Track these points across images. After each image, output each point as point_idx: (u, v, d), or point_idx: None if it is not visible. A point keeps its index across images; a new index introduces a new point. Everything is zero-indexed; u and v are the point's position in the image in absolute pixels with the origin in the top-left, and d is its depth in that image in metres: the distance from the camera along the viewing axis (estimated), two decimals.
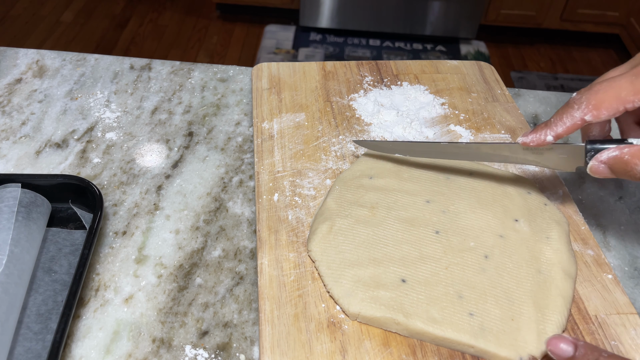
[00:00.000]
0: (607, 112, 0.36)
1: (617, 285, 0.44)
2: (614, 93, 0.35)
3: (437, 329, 0.39)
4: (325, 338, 0.40)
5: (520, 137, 0.42)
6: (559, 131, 0.39)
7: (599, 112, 0.36)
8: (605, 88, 0.36)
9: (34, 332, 0.41)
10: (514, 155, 0.44)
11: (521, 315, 0.40)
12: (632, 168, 0.36)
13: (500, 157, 0.45)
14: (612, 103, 0.36)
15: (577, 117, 0.37)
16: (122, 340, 0.42)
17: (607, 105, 0.36)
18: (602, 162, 0.38)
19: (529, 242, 0.45)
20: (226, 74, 0.70)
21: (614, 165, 0.37)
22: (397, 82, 0.65)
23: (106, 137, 0.60)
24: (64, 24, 2.34)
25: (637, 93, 0.35)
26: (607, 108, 0.36)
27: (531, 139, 0.41)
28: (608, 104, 0.36)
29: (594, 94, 0.36)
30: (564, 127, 0.38)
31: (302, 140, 0.56)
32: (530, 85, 2.18)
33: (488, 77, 0.67)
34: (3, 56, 0.70)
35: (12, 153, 0.57)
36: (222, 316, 0.44)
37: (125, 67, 0.70)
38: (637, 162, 0.36)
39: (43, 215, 0.47)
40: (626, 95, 0.35)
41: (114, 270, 0.47)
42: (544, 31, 2.43)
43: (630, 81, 0.35)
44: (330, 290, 0.42)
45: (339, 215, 0.47)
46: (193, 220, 0.51)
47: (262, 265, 0.44)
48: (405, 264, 0.43)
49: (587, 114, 0.37)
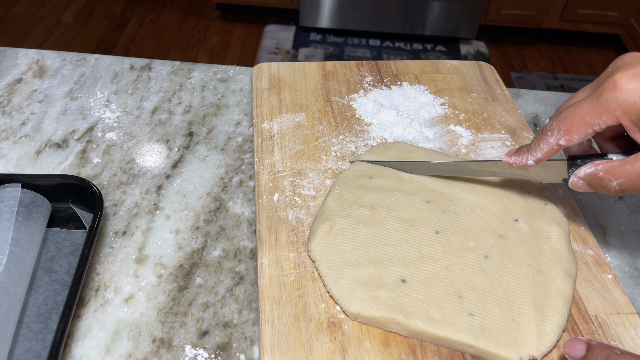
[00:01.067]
0: (577, 135, 0.37)
1: (617, 285, 0.44)
2: (579, 117, 0.37)
3: (437, 329, 0.39)
4: (325, 338, 0.40)
5: (504, 156, 0.44)
6: (538, 156, 0.41)
7: (571, 137, 0.38)
8: (571, 113, 0.37)
9: (34, 332, 0.41)
10: (501, 171, 0.46)
11: (521, 315, 0.40)
12: (606, 184, 0.37)
13: (488, 173, 0.47)
14: (580, 127, 0.37)
15: (553, 142, 0.39)
16: (122, 340, 0.42)
17: (576, 129, 0.37)
18: (580, 179, 0.39)
19: (529, 242, 0.45)
20: (226, 74, 0.70)
21: (591, 182, 0.39)
22: (397, 82, 0.65)
23: (106, 137, 0.60)
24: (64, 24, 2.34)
25: (600, 116, 0.36)
26: (576, 132, 0.37)
27: (514, 161, 0.43)
28: (577, 128, 0.37)
29: (562, 120, 0.38)
30: (542, 152, 0.40)
31: (302, 140, 0.56)
32: (530, 85, 2.18)
33: (488, 77, 0.67)
34: (3, 56, 0.70)
35: (12, 153, 0.57)
36: (222, 316, 0.44)
37: (125, 67, 0.70)
38: (610, 178, 0.37)
39: (43, 215, 0.47)
40: (591, 119, 0.36)
41: (114, 270, 0.47)
42: (544, 31, 2.43)
43: (592, 105, 0.36)
44: (330, 290, 0.42)
45: (339, 215, 0.47)
46: (193, 220, 0.51)
47: (262, 265, 0.44)
48: (405, 264, 0.43)
49: (561, 139, 0.38)
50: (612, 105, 0.35)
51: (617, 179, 0.37)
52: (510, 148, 0.57)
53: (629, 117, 0.35)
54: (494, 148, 0.57)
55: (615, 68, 0.36)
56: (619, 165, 0.37)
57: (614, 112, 0.35)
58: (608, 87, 0.35)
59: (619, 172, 0.36)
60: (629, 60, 0.36)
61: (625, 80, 0.34)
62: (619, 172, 0.36)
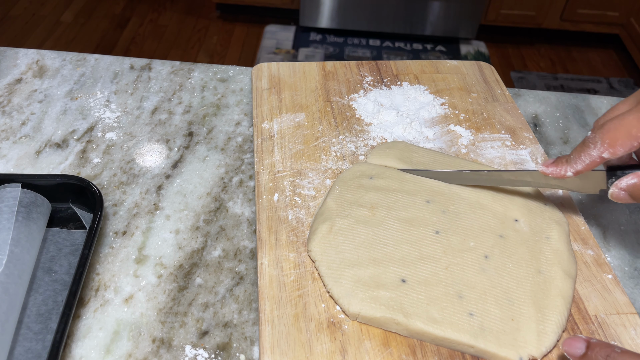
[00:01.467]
0: (622, 149, 0.37)
1: (617, 285, 0.44)
2: (625, 131, 0.36)
3: (437, 329, 0.39)
4: (325, 338, 0.40)
5: (540, 166, 0.43)
6: (578, 168, 0.40)
7: (615, 150, 0.37)
8: (616, 126, 0.37)
9: (34, 332, 0.41)
10: (536, 181, 0.45)
11: (521, 315, 0.40)
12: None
13: (522, 182, 0.46)
14: (625, 140, 0.36)
15: (595, 155, 0.38)
16: (122, 340, 0.42)
17: (621, 142, 0.36)
18: (621, 189, 0.39)
19: (529, 242, 0.45)
20: (226, 74, 0.70)
21: (634, 192, 0.38)
22: (397, 82, 0.65)
23: (106, 137, 0.60)
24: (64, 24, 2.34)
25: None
26: (621, 145, 0.37)
27: (551, 172, 0.42)
28: (622, 141, 0.36)
29: (607, 132, 0.37)
30: (583, 164, 0.40)
31: (302, 140, 0.56)
32: (530, 85, 2.18)
33: (488, 77, 0.67)
34: (3, 56, 0.70)
35: (12, 153, 0.57)
36: (222, 316, 0.44)
37: (125, 67, 0.70)
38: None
39: (43, 215, 0.47)
40: (637, 132, 0.36)
41: (114, 270, 0.47)
42: (544, 31, 2.43)
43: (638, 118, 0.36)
44: (330, 290, 0.42)
45: (339, 215, 0.47)
46: (193, 220, 0.51)
47: (262, 265, 0.44)
48: (405, 264, 0.43)
49: (604, 152, 0.38)
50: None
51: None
52: (510, 148, 0.57)
53: None
54: (494, 148, 0.57)
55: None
56: None
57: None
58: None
59: None
60: None
61: None
62: None
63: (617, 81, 2.25)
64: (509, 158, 0.56)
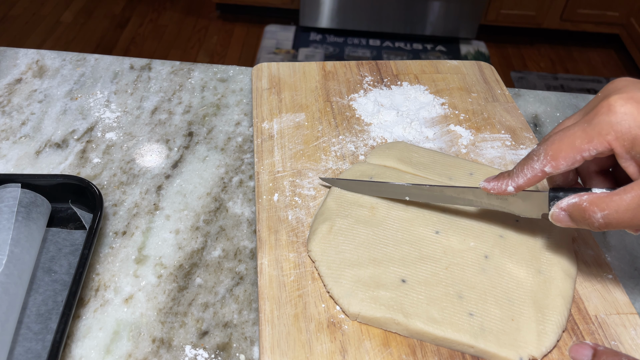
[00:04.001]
0: (565, 162, 0.35)
1: (617, 285, 0.44)
2: (568, 142, 0.35)
3: (437, 329, 0.39)
4: (325, 338, 0.40)
5: (482, 182, 0.41)
6: (520, 182, 0.38)
7: (557, 163, 0.35)
8: (560, 137, 0.35)
9: (34, 332, 0.41)
10: (479, 200, 0.43)
11: (521, 316, 0.40)
12: (590, 216, 0.35)
13: (464, 201, 0.44)
14: (569, 153, 0.35)
15: (537, 168, 0.37)
16: (122, 340, 0.42)
17: (564, 155, 0.35)
18: (562, 210, 0.37)
19: (529, 242, 0.45)
20: (226, 74, 0.70)
21: (573, 213, 0.36)
22: (397, 82, 0.65)
23: (106, 137, 0.60)
24: (64, 24, 2.34)
25: (590, 141, 0.34)
26: (564, 158, 0.35)
27: (492, 187, 0.40)
28: (565, 153, 0.35)
29: (550, 144, 0.36)
30: (524, 178, 0.38)
31: (302, 140, 0.56)
32: (530, 85, 2.18)
33: (488, 77, 0.67)
34: (3, 56, 0.70)
35: (12, 153, 0.57)
36: (222, 316, 0.44)
37: (125, 67, 0.70)
38: (595, 209, 0.34)
39: (43, 215, 0.47)
40: (580, 144, 0.34)
41: (114, 270, 0.47)
42: (544, 31, 2.43)
43: (583, 129, 0.34)
44: (330, 290, 0.42)
45: (339, 215, 0.47)
46: (193, 220, 0.51)
47: (262, 265, 0.44)
48: (405, 264, 0.43)
49: (546, 165, 0.36)
50: (605, 129, 0.33)
51: (603, 211, 0.34)
52: (510, 148, 0.57)
53: (622, 142, 0.33)
54: (494, 148, 0.57)
55: (607, 92, 0.34)
56: (605, 197, 0.34)
57: (605, 137, 0.33)
58: (602, 110, 0.33)
59: (605, 203, 0.34)
60: (622, 84, 0.34)
61: (620, 103, 0.33)
62: (605, 203, 0.34)
63: None
64: (509, 158, 0.56)
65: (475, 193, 0.43)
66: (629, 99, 0.32)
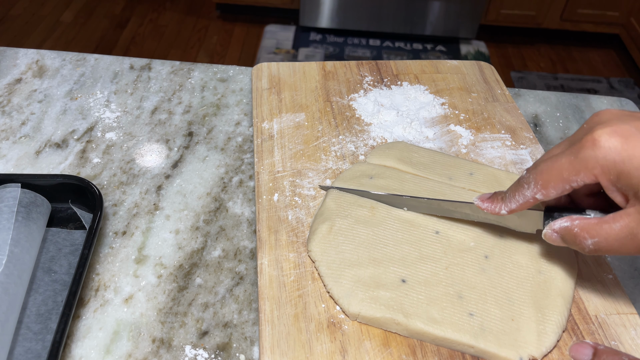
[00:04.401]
0: (555, 191, 0.36)
1: (617, 285, 0.44)
2: (556, 173, 0.35)
3: (437, 329, 0.39)
4: (325, 338, 0.40)
5: (476, 199, 0.42)
6: (512, 207, 0.39)
7: (548, 192, 0.36)
8: (549, 167, 0.36)
9: (34, 332, 0.41)
10: (475, 214, 0.44)
11: (521, 316, 0.40)
12: (580, 241, 0.36)
13: (461, 214, 0.45)
14: (558, 183, 0.35)
15: (529, 195, 0.38)
16: (122, 340, 0.42)
17: (554, 184, 0.36)
18: (554, 231, 0.38)
19: (529, 242, 0.45)
20: (226, 74, 0.70)
21: (565, 236, 0.37)
22: (397, 82, 0.65)
23: (106, 137, 0.60)
24: (64, 24, 2.34)
25: (577, 174, 0.34)
26: (554, 187, 0.36)
27: (486, 207, 0.41)
28: (554, 183, 0.36)
29: (539, 173, 0.36)
30: (517, 204, 0.39)
31: (302, 140, 0.56)
32: (530, 85, 2.18)
33: (488, 77, 0.67)
34: (3, 56, 0.70)
35: (12, 153, 0.57)
36: (222, 316, 0.44)
37: (125, 67, 0.70)
38: (585, 236, 0.35)
39: (43, 215, 0.47)
40: (568, 176, 0.35)
41: (114, 270, 0.47)
42: (544, 31, 2.43)
43: (570, 161, 0.35)
44: (330, 290, 0.42)
45: (339, 215, 0.47)
46: (193, 220, 0.51)
47: (262, 265, 0.44)
48: (405, 264, 0.43)
49: (537, 194, 0.37)
50: (591, 164, 0.33)
51: (593, 238, 0.35)
52: (510, 148, 0.57)
53: (608, 176, 0.33)
54: (494, 148, 0.57)
55: (592, 124, 0.35)
56: (595, 224, 0.35)
57: (592, 171, 0.33)
58: (587, 144, 0.34)
59: (595, 231, 0.35)
60: (607, 116, 0.35)
61: (605, 137, 0.33)
62: (595, 231, 0.35)
63: (617, 81, 2.25)
64: (509, 158, 0.56)
65: (471, 208, 0.44)
66: (613, 133, 0.33)
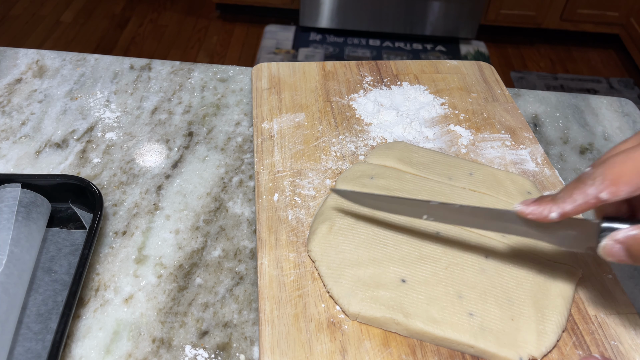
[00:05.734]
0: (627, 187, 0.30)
1: (617, 285, 0.44)
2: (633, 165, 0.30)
3: (437, 329, 0.39)
4: (325, 338, 0.40)
5: (517, 205, 0.35)
6: (567, 209, 0.33)
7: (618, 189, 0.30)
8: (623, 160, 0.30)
9: (34, 332, 0.41)
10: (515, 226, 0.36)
11: (521, 316, 0.40)
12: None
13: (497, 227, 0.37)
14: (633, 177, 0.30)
15: (591, 194, 0.31)
16: (122, 340, 0.42)
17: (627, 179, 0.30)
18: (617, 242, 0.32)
19: (529, 242, 0.45)
20: (226, 74, 0.70)
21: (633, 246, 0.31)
22: (397, 82, 0.65)
23: (106, 137, 0.60)
24: (64, 24, 2.34)
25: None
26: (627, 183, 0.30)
27: (531, 211, 0.34)
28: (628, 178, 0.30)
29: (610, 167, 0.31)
30: (573, 204, 0.32)
31: (302, 140, 0.56)
32: (530, 85, 2.18)
33: (488, 77, 0.67)
34: (3, 56, 0.70)
35: (12, 153, 0.57)
36: (222, 316, 0.44)
37: (125, 67, 0.70)
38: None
39: (43, 215, 0.47)
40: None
41: (114, 270, 0.47)
42: (544, 31, 2.43)
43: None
44: (330, 290, 0.42)
45: (339, 215, 0.47)
46: (193, 220, 0.51)
47: (262, 265, 0.44)
48: (405, 264, 0.43)
49: (603, 191, 0.31)
50: None
51: None
52: (510, 148, 0.57)
53: None
54: (493, 148, 0.57)
55: None
56: None
57: None
58: None
59: None
60: None
61: None
62: None
63: (617, 81, 2.25)
64: (508, 158, 0.56)
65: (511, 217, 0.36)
66: None
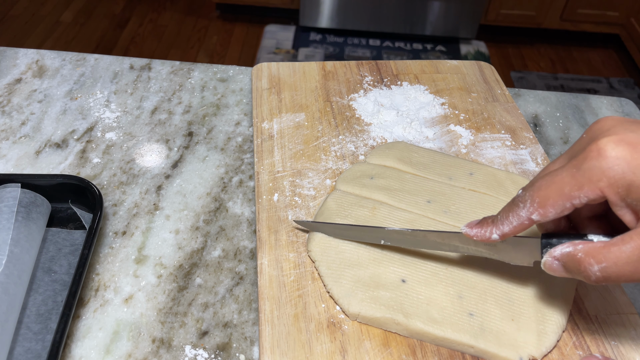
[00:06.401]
0: (553, 210, 0.32)
1: (617, 285, 0.44)
2: (556, 188, 0.31)
3: (437, 329, 0.39)
4: (325, 338, 0.40)
5: (464, 227, 0.38)
6: (505, 230, 0.35)
7: (546, 211, 0.32)
8: (547, 183, 0.32)
9: (34, 332, 0.41)
10: (465, 245, 0.40)
11: (521, 316, 0.40)
12: (585, 268, 0.31)
13: (450, 247, 0.41)
14: (557, 200, 0.31)
15: (524, 216, 0.33)
16: (122, 340, 0.42)
17: (553, 202, 0.32)
18: (555, 258, 0.34)
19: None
20: (226, 74, 0.70)
21: (567, 263, 0.33)
22: (397, 82, 0.65)
23: (106, 137, 0.60)
24: (63, 24, 2.34)
25: (581, 188, 0.30)
26: (552, 206, 0.32)
27: (475, 233, 0.37)
28: (553, 200, 0.32)
29: (537, 190, 0.32)
30: (510, 226, 0.34)
31: (302, 140, 0.56)
32: (530, 85, 2.18)
33: (488, 77, 0.67)
34: (3, 56, 0.70)
35: (12, 153, 0.57)
36: (222, 316, 0.44)
37: (125, 67, 0.70)
38: (591, 261, 0.31)
39: (43, 215, 0.47)
40: (570, 191, 0.31)
41: (114, 270, 0.47)
42: (544, 31, 2.43)
43: (572, 174, 0.31)
44: (330, 290, 0.42)
45: (339, 215, 0.47)
46: (193, 220, 0.51)
47: (262, 265, 0.44)
48: (405, 264, 0.43)
49: (533, 213, 0.33)
50: (596, 176, 0.30)
51: (600, 263, 0.30)
52: (510, 148, 0.57)
53: (615, 189, 0.30)
54: (494, 148, 0.57)
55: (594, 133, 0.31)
56: (602, 248, 0.31)
57: (597, 184, 0.30)
58: (591, 155, 0.30)
59: (603, 255, 0.30)
60: (610, 123, 0.31)
61: (611, 146, 0.29)
62: (603, 255, 0.30)
63: (617, 81, 2.25)
64: (509, 158, 0.56)
65: (460, 238, 0.39)
66: (620, 142, 0.30)
